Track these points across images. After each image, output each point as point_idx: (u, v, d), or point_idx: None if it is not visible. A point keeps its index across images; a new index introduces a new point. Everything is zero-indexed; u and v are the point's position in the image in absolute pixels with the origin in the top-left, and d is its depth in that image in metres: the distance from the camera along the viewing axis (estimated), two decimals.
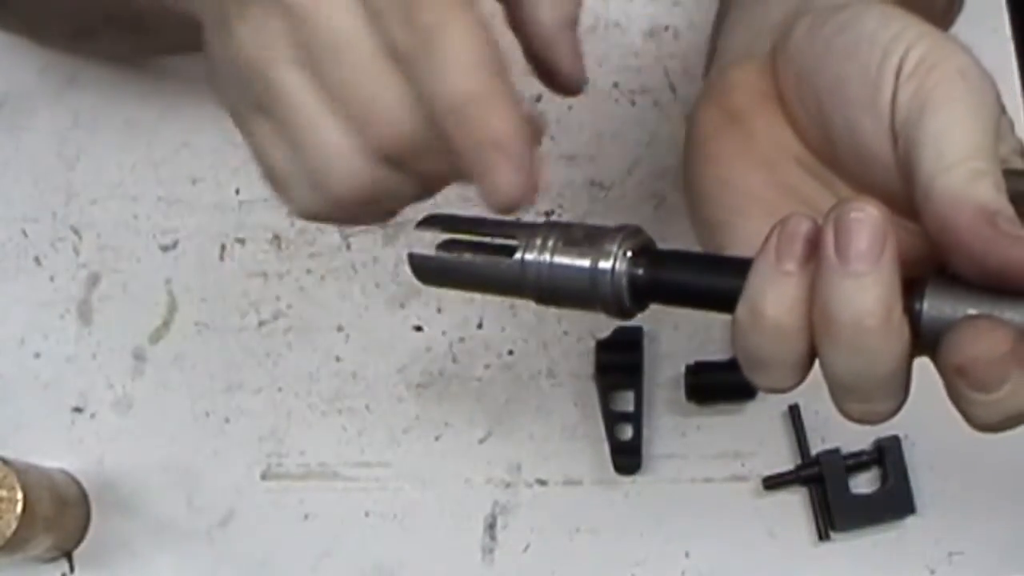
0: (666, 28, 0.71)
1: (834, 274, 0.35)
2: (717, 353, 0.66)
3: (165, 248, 0.70)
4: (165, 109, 0.71)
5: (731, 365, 0.65)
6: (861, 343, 0.35)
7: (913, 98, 0.38)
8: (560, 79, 0.43)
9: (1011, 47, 0.69)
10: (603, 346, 0.66)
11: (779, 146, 0.43)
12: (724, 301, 0.38)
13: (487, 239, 0.40)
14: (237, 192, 0.70)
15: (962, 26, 0.57)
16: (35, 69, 0.72)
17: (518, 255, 0.39)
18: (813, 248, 0.36)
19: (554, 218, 0.68)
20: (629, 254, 0.39)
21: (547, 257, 0.39)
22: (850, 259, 0.35)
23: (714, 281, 0.38)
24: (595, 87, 0.70)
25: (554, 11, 0.42)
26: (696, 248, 0.45)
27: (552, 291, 0.39)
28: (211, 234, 0.70)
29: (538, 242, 0.39)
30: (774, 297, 0.36)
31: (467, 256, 0.40)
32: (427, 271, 0.41)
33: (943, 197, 0.36)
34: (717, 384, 0.65)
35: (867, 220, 0.35)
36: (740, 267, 0.37)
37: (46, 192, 0.71)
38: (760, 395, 0.65)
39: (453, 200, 0.69)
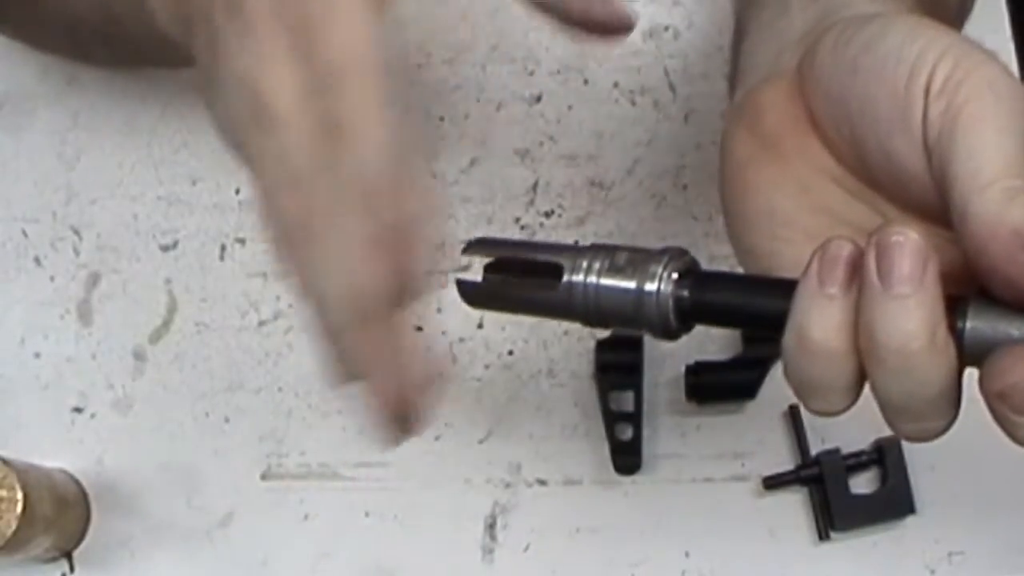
0: (666, 28, 0.71)
1: (878, 298, 0.35)
2: (717, 353, 0.66)
3: (165, 248, 0.70)
4: (165, 109, 0.71)
5: (731, 365, 0.66)
6: (907, 365, 0.35)
7: (944, 116, 0.37)
8: (609, 30, 0.44)
9: (1011, 47, 0.69)
10: (603, 346, 0.66)
11: (815, 168, 0.43)
12: (769, 322, 0.38)
13: (533, 263, 0.40)
14: (237, 192, 0.70)
15: (964, 26, 0.57)
16: (35, 69, 0.72)
17: (565, 278, 0.39)
18: (855, 271, 0.36)
19: (555, 218, 0.69)
20: (674, 276, 0.39)
21: (593, 280, 0.39)
22: (893, 283, 0.35)
23: (759, 302, 0.39)
24: (595, 87, 0.70)
25: None
26: (704, 251, 0.45)
27: (598, 313, 0.40)
28: (211, 234, 0.70)
29: (584, 265, 0.39)
30: (819, 321, 0.36)
31: (514, 281, 0.40)
32: (475, 296, 0.41)
33: (978, 221, 0.35)
34: (717, 384, 0.65)
35: (908, 244, 0.35)
36: (784, 288, 0.38)
37: (46, 192, 0.71)
38: (760, 395, 0.65)
39: (455, 202, 0.69)
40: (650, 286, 0.39)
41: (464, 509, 0.66)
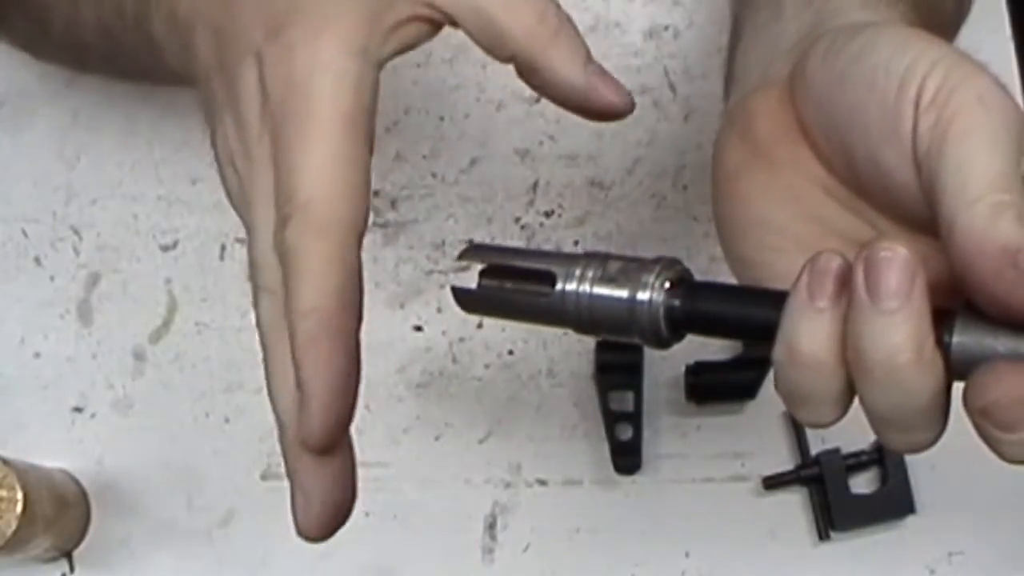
0: (666, 28, 0.71)
1: (865, 312, 0.35)
2: (717, 353, 0.66)
3: (165, 248, 0.70)
4: (165, 108, 0.71)
5: (731, 365, 0.66)
6: (894, 378, 0.36)
7: (933, 129, 0.37)
8: (611, 112, 0.44)
9: (1011, 47, 0.69)
10: (603, 346, 0.66)
11: (806, 178, 0.43)
12: (759, 333, 0.38)
13: (527, 270, 0.41)
14: None
15: (962, 27, 0.57)
16: (35, 69, 0.72)
17: (558, 286, 0.40)
18: (844, 284, 0.36)
19: (555, 218, 0.69)
20: (666, 285, 0.39)
21: (586, 288, 0.40)
22: (881, 297, 0.35)
23: (749, 313, 0.39)
24: None
25: (572, 64, 0.43)
26: (704, 252, 0.45)
27: (591, 322, 0.40)
28: (211, 234, 0.70)
29: (577, 273, 0.40)
30: (808, 334, 0.37)
31: (508, 287, 0.41)
32: (469, 302, 0.42)
33: (965, 236, 0.35)
34: (717, 384, 0.65)
35: (896, 259, 0.35)
36: (775, 299, 0.38)
37: (46, 192, 0.71)
38: (760, 395, 0.65)
39: (455, 202, 0.69)
40: (642, 295, 0.39)
41: (464, 509, 0.66)
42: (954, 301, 0.37)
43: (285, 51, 0.40)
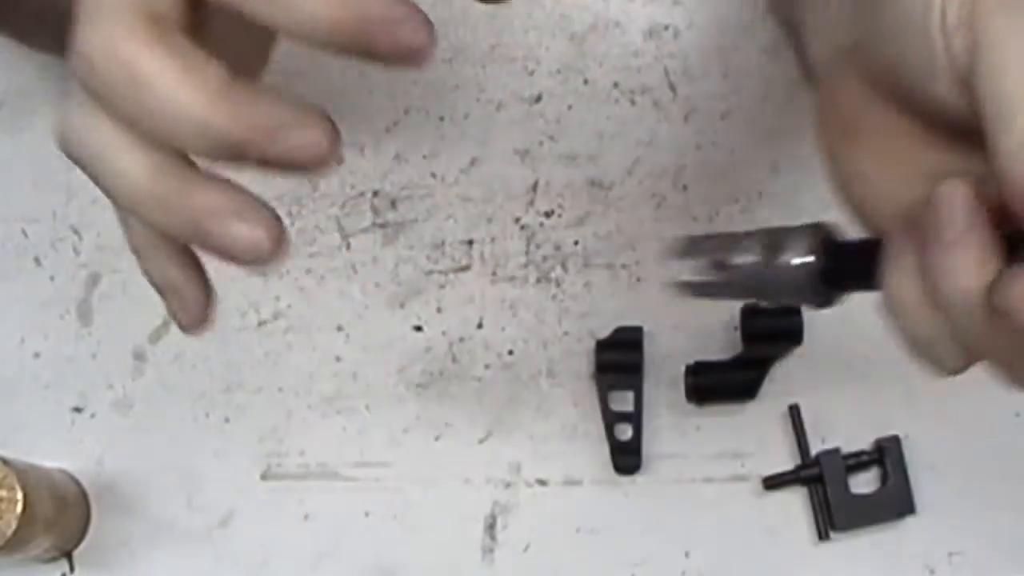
0: (666, 28, 0.71)
1: (932, 248, 0.37)
2: (717, 353, 0.66)
3: None
4: None
5: (731, 365, 0.66)
6: (963, 312, 0.36)
7: (964, 52, 0.36)
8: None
9: None
10: (603, 346, 0.66)
11: (899, 137, 0.42)
12: None
13: (715, 256, 0.45)
14: None
15: None
16: (35, 68, 0.72)
17: (735, 260, 0.44)
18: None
19: (555, 218, 0.69)
20: (814, 248, 0.42)
21: (749, 259, 0.44)
22: (941, 232, 0.36)
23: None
24: (595, 87, 0.70)
25: None
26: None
27: (769, 290, 0.44)
28: None
29: (743, 247, 0.44)
30: (896, 280, 0.39)
31: (709, 271, 0.45)
32: (691, 292, 0.46)
33: (1004, 164, 0.35)
34: (717, 384, 0.65)
35: (953, 194, 0.37)
36: None
37: (46, 192, 0.71)
38: (760, 395, 0.65)
39: (454, 202, 0.69)
40: (796, 260, 0.42)
41: (464, 509, 0.66)
42: None
43: None
